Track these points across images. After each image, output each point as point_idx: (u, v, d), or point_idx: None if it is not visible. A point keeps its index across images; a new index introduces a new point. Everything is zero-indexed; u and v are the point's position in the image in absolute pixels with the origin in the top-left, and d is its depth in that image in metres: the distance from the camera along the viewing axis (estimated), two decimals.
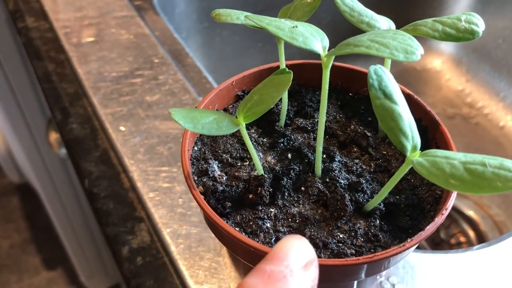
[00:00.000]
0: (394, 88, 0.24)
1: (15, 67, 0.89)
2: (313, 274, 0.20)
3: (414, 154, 0.24)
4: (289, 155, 0.31)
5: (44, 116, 0.96)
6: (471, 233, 0.71)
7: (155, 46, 0.61)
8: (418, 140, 0.24)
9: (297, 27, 0.26)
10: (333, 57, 0.26)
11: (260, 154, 0.31)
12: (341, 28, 0.80)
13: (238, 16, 0.30)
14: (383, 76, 0.24)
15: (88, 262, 1.19)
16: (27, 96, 0.94)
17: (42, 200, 1.14)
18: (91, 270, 1.22)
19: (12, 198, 1.56)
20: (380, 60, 0.28)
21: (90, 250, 1.15)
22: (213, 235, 0.42)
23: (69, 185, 1.02)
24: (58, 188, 1.04)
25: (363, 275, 0.27)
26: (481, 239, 0.70)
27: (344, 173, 0.30)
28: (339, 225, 0.28)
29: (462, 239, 0.71)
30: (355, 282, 0.31)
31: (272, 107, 0.28)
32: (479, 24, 0.27)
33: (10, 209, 1.53)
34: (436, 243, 0.71)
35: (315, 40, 0.26)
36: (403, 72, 0.89)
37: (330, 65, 0.27)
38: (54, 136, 0.80)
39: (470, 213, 0.72)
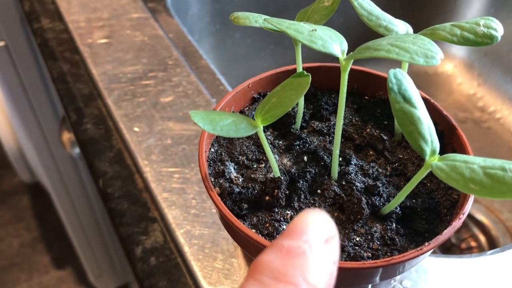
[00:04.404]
0: (414, 92, 0.25)
1: (28, 67, 0.90)
2: (335, 250, 0.19)
3: (433, 158, 0.24)
4: (305, 158, 0.31)
5: (56, 116, 0.96)
6: (482, 238, 0.71)
7: (169, 48, 0.62)
8: (437, 144, 0.24)
9: (316, 30, 0.26)
10: (352, 60, 0.26)
11: (276, 156, 0.32)
12: (352, 31, 0.80)
13: (256, 19, 0.30)
14: (403, 80, 0.24)
15: (97, 262, 1.20)
16: (39, 96, 0.94)
17: (53, 199, 1.14)
18: (100, 270, 1.23)
19: (23, 197, 1.57)
20: (392, 64, 0.28)
21: (99, 250, 1.16)
22: (226, 236, 0.42)
23: (79, 185, 1.02)
24: (69, 188, 1.05)
25: (378, 279, 0.28)
26: (492, 244, 0.70)
27: (360, 176, 0.30)
28: (355, 228, 0.28)
29: (473, 244, 0.71)
30: (369, 286, 0.31)
31: None
32: (498, 29, 0.27)
33: (21, 208, 1.55)
34: (447, 248, 0.71)
35: (334, 43, 0.26)
36: (414, 76, 0.89)
37: (349, 69, 0.27)
38: (67, 136, 0.80)
39: (481, 218, 0.72)
